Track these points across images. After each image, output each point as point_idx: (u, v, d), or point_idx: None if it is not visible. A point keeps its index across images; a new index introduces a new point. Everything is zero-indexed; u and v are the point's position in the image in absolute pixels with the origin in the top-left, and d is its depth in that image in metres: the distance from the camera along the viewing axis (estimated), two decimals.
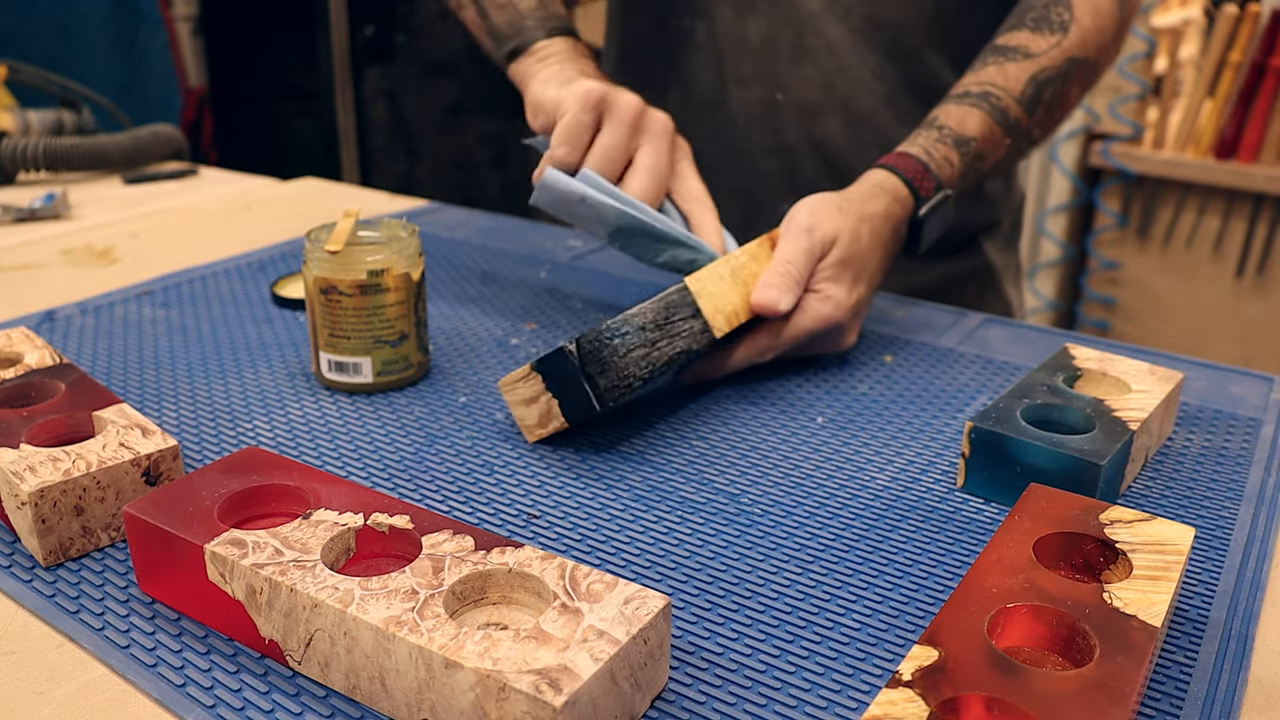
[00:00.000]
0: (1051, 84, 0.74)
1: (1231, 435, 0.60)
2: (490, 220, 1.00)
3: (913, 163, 0.70)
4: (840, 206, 0.66)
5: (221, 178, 1.18)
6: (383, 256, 0.61)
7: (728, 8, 0.86)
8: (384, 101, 2.35)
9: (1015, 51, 0.74)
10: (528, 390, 0.57)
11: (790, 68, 0.86)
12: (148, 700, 0.39)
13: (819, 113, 0.87)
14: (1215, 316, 2.21)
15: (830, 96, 0.86)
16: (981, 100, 0.73)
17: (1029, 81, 0.73)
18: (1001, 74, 0.73)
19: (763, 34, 0.86)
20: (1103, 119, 2.26)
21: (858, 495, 0.54)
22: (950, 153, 0.71)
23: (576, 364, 0.55)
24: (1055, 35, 0.74)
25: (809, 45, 0.85)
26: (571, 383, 0.55)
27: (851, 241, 0.65)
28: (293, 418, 0.61)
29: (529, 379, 0.57)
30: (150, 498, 0.44)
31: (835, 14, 0.84)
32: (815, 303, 0.65)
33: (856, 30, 0.84)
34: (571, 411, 0.56)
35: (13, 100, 1.26)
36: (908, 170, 0.70)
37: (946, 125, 0.72)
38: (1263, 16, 2.00)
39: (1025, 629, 0.38)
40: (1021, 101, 0.73)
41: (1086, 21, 0.75)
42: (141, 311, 0.77)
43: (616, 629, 0.36)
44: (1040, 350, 0.71)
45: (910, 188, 0.69)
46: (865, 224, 0.66)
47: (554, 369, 0.55)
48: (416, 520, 0.43)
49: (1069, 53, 0.74)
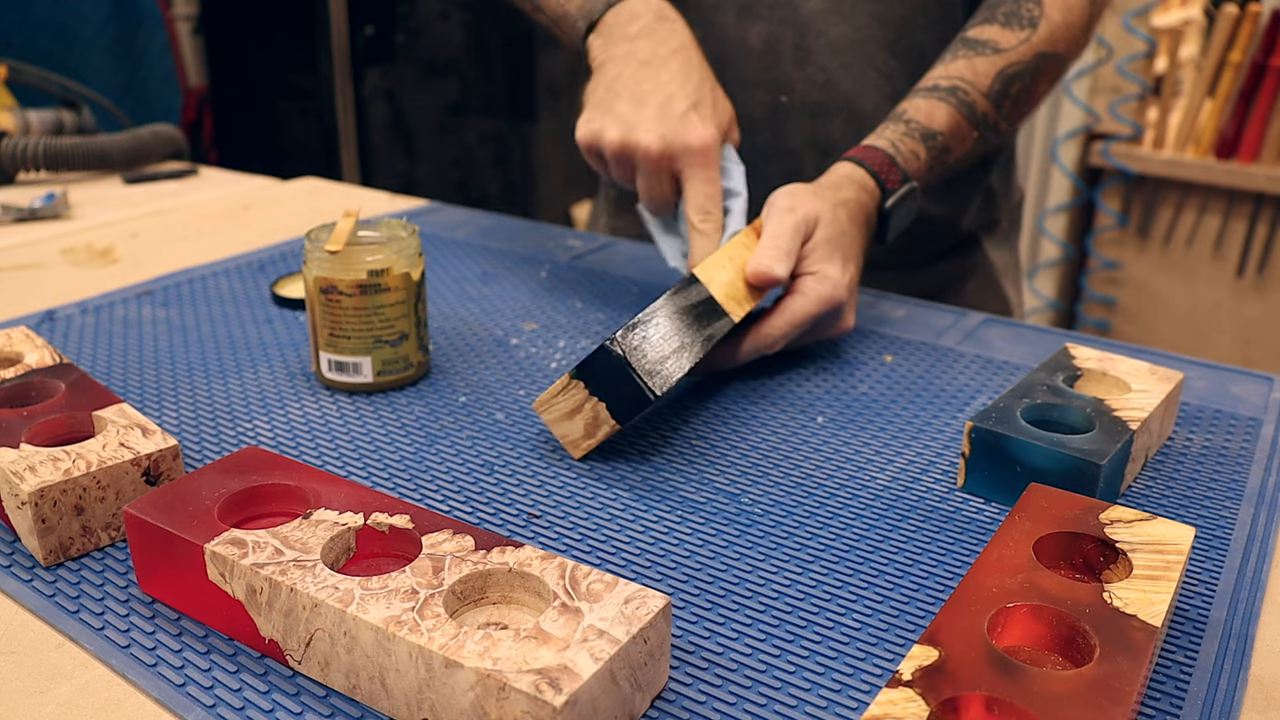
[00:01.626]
0: (1019, 79, 0.75)
1: (1231, 435, 0.60)
2: (490, 220, 1.00)
3: (879, 155, 0.71)
4: (815, 192, 0.67)
5: (221, 178, 1.18)
6: (383, 256, 0.61)
7: (729, 13, 0.86)
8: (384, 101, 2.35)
9: (985, 46, 0.75)
10: (569, 402, 0.56)
11: (793, 70, 0.86)
12: (148, 700, 0.39)
13: (823, 113, 0.87)
14: (1215, 316, 2.21)
15: (834, 96, 0.86)
16: (949, 94, 0.73)
17: (997, 76, 0.74)
18: (970, 68, 0.74)
19: (764, 37, 0.86)
20: (1103, 119, 2.26)
21: (858, 495, 0.54)
22: (917, 146, 0.72)
23: (622, 357, 0.54)
24: (1025, 31, 0.75)
25: (811, 46, 0.85)
26: (620, 378, 0.54)
27: (833, 221, 0.66)
28: (293, 418, 0.61)
29: (569, 389, 0.56)
30: (150, 498, 0.44)
31: (838, 13, 0.84)
32: (813, 284, 0.65)
33: (861, 28, 0.84)
34: (623, 410, 0.55)
35: (13, 100, 1.26)
36: (874, 163, 0.71)
37: (915, 119, 0.73)
38: (1263, 16, 2.00)
39: (1025, 629, 0.38)
40: (989, 96, 0.74)
41: (1056, 17, 0.75)
42: (141, 311, 0.77)
43: (616, 629, 0.36)
44: (1040, 350, 0.71)
45: (876, 179, 0.70)
46: (841, 208, 0.68)
47: (597, 371, 0.55)
48: (416, 520, 0.43)
49: (1037, 48, 0.75)
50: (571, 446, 0.57)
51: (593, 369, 0.55)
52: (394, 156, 2.42)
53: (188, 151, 1.24)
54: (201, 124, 2.35)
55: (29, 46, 1.88)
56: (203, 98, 2.35)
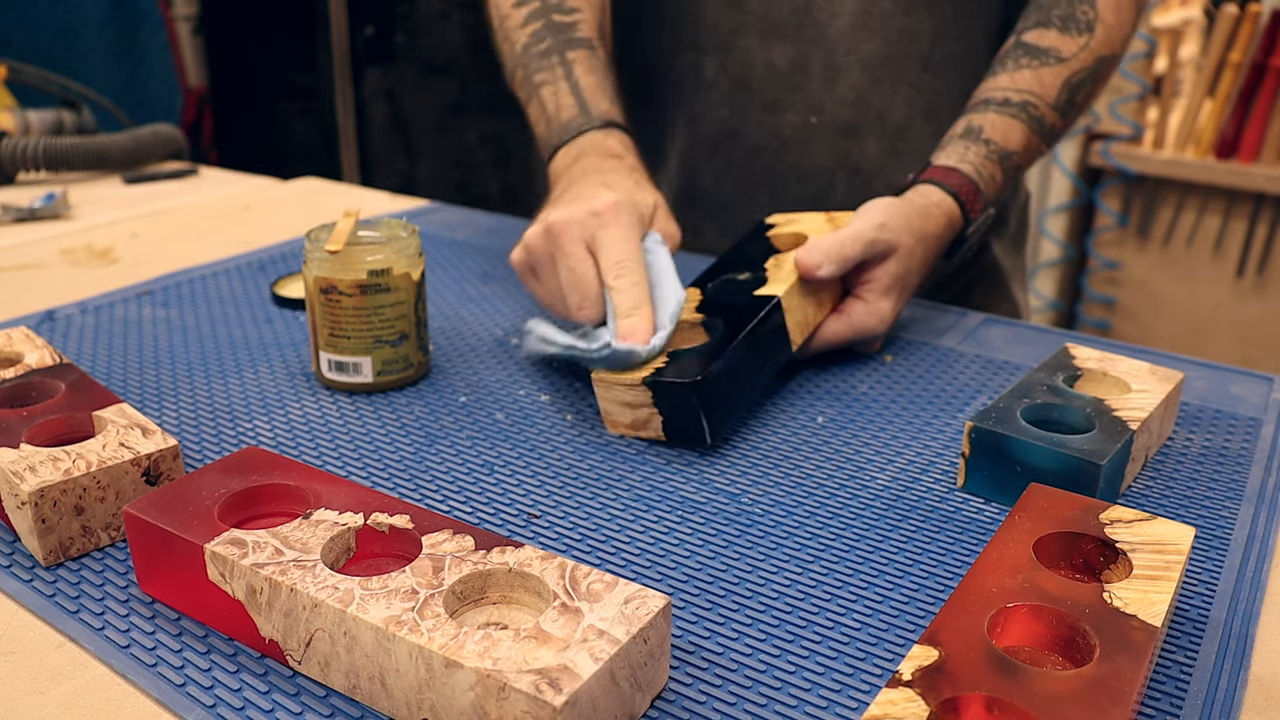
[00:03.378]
0: (1084, 86, 0.76)
1: (1231, 435, 0.60)
2: (490, 220, 1.00)
3: (966, 184, 0.71)
4: (908, 221, 0.67)
5: (221, 178, 1.18)
6: (383, 256, 0.61)
7: (751, 36, 0.85)
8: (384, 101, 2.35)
9: (1048, 55, 0.75)
10: (629, 396, 0.57)
11: (823, 90, 0.85)
12: (148, 700, 0.39)
13: (854, 132, 0.86)
14: (1215, 316, 2.21)
15: (865, 114, 0.86)
16: (1022, 111, 0.74)
17: (1063, 87, 0.75)
18: (1037, 80, 0.74)
19: (791, 58, 0.85)
20: (1103, 119, 2.26)
21: (858, 495, 0.54)
22: (996, 170, 0.73)
23: (696, 401, 0.55)
24: (1083, 36, 0.75)
25: (841, 64, 0.84)
26: (687, 414, 0.56)
27: (907, 258, 0.67)
28: (293, 418, 0.61)
29: (635, 388, 0.57)
30: (150, 498, 0.44)
31: (868, 29, 0.83)
32: (861, 312, 0.66)
33: (891, 44, 0.84)
34: (676, 436, 0.57)
35: (13, 100, 1.26)
36: (962, 191, 0.71)
37: (993, 140, 0.73)
38: (1263, 16, 2.00)
39: (1025, 629, 0.38)
40: (1057, 108, 0.75)
41: (1110, 18, 0.76)
42: (141, 311, 0.77)
43: (616, 629, 0.36)
44: (1040, 350, 0.71)
45: (963, 209, 0.71)
46: (922, 244, 0.68)
47: (670, 396, 0.56)
48: (416, 520, 0.43)
49: (1098, 53, 0.76)
50: (611, 424, 0.59)
51: (665, 395, 0.56)
52: (394, 156, 2.42)
53: (188, 151, 1.24)
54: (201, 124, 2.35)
55: (29, 46, 1.88)
56: (203, 98, 2.35)
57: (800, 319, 0.63)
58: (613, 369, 0.57)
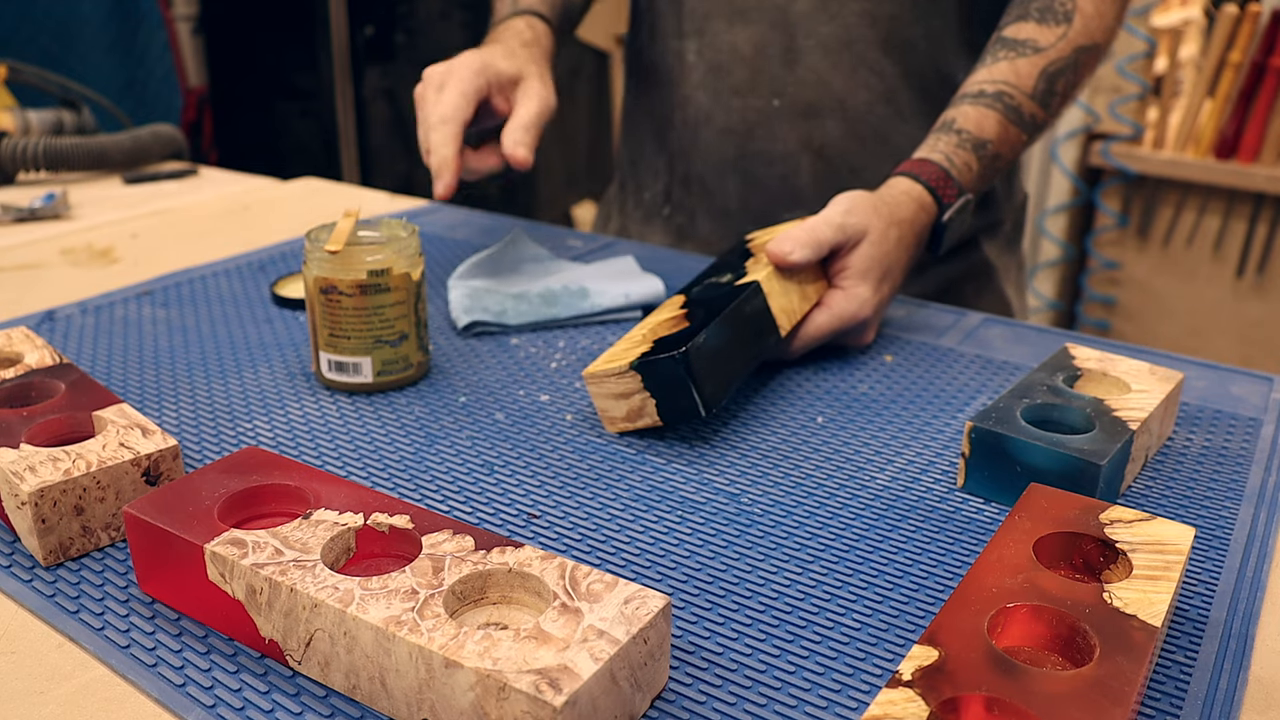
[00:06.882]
0: (1062, 75, 0.76)
1: (1231, 435, 0.60)
2: (490, 220, 1.00)
3: (934, 170, 0.72)
4: (875, 207, 0.68)
5: (221, 178, 1.18)
6: (383, 256, 0.61)
7: (719, 20, 0.87)
8: (384, 101, 2.35)
9: (1024, 46, 0.75)
10: (620, 386, 0.57)
11: (784, 72, 0.87)
12: (148, 700, 0.39)
13: (815, 114, 0.87)
14: (1215, 316, 2.21)
15: (825, 96, 0.87)
16: (996, 100, 0.74)
17: (1040, 76, 0.75)
18: (1013, 70, 0.75)
19: (754, 42, 0.87)
20: (1103, 119, 2.26)
21: (858, 495, 0.54)
22: (969, 157, 0.73)
23: (685, 372, 0.55)
24: (1061, 26, 0.76)
25: (801, 47, 0.86)
26: (677, 389, 0.56)
27: (880, 240, 0.67)
28: (293, 418, 0.61)
29: (624, 376, 0.57)
30: (150, 498, 0.44)
31: (826, 13, 0.85)
32: (841, 300, 0.66)
33: (850, 27, 0.85)
34: (671, 415, 0.57)
35: (13, 100, 1.26)
36: (931, 178, 0.71)
37: (965, 129, 0.74)
38: (1263, 16, 2.01)
39: (1025, 629, 0.38)
40: (1034, 97, 0.75)
41: (1089, 8, 0.76)
42: (141, 311, 0.77)
43: (616, 629, 0.36)
44: (1040, 350, 0.71)
45: (934, 195, 0.71)
46: (894, 228, 0.68)
47: (658, 374, 0.56)
48: (416, 520, 0.43)
49: (1076, 43, 0.76)
50: (609, 422, 0.59)
51: (652, 372, 0.56)
52: (394, 156, 2.42)
53: (188, 151, 1.24)
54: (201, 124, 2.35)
55: (29, 46, 1.88)
56: (203, 98, 2.35)
57: (785, 305, 0.63)
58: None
